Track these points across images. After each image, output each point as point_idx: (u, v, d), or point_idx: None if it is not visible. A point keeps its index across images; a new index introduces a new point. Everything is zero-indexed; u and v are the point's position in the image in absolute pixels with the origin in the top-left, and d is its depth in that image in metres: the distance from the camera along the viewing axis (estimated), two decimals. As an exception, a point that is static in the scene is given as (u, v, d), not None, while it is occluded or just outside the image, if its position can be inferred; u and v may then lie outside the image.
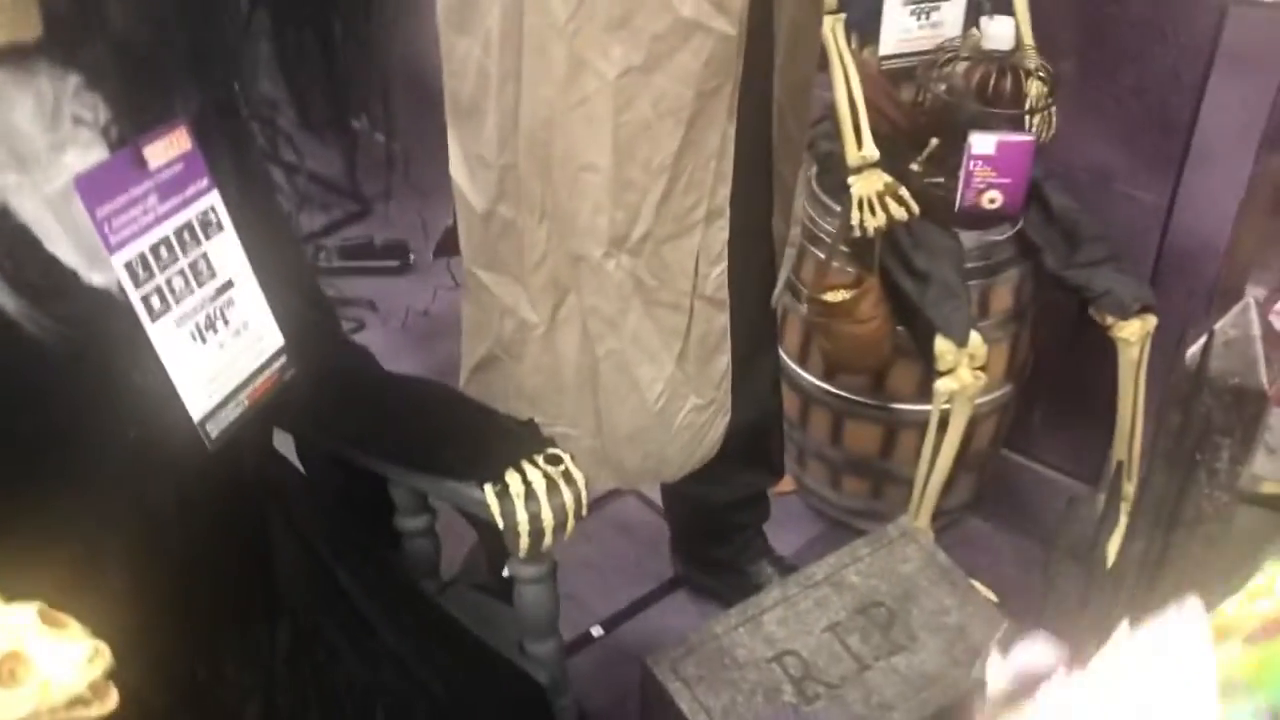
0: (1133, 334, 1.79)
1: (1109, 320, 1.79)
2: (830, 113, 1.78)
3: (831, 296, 1.78)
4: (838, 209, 1.81)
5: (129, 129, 0.93)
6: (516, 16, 1.13)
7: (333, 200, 3.25)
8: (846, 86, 1.71)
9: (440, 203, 2.60)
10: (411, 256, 3.00)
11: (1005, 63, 1.77)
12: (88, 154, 0.92)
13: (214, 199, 0.96)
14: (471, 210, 1.31)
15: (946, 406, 1.77)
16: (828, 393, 2.05)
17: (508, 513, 1.14)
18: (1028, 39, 1.81)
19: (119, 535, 0.95)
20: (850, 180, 1.72)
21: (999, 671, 0.71)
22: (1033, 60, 1.79)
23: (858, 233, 1.73)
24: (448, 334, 2.25)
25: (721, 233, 1.33)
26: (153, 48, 1.00)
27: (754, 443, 1.79)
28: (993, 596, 1.89)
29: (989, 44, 1.75)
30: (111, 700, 0.76)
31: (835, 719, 1.40)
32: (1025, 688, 0.68)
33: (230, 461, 1.00)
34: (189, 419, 0.94)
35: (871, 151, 1.69)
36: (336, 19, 2.63)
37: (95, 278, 0.92)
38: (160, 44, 1.01)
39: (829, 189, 1.90)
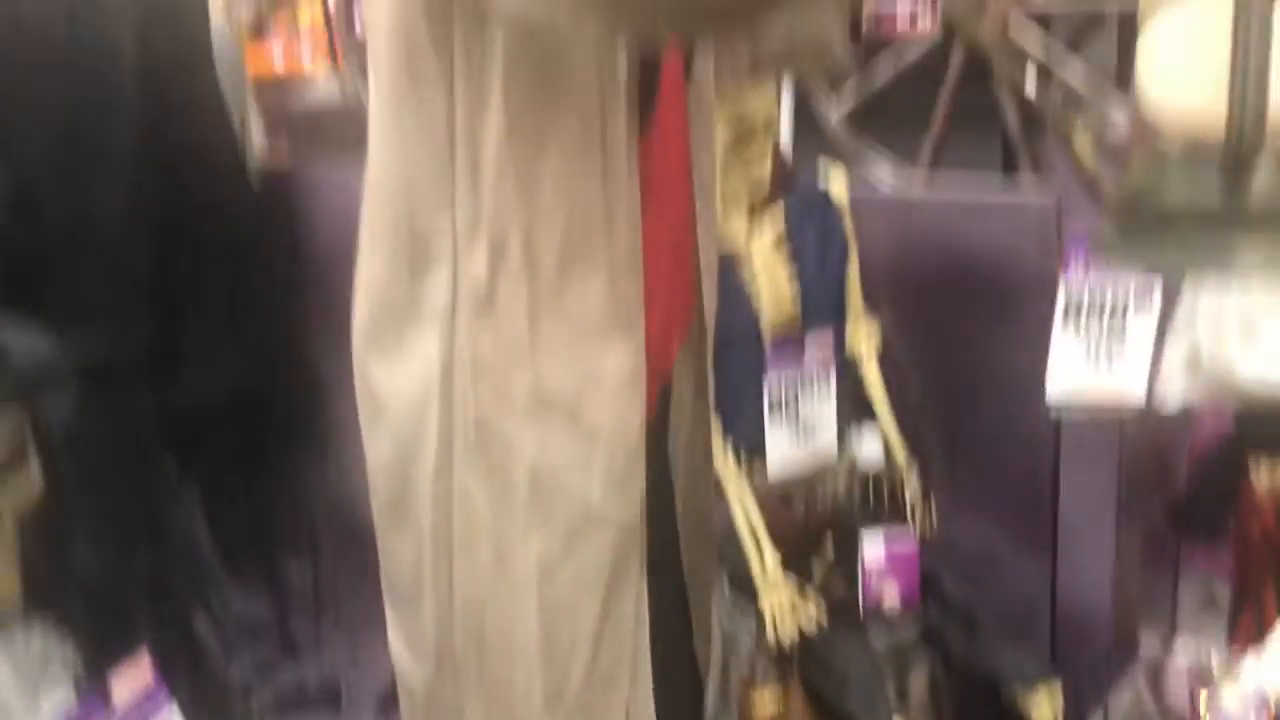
0: (1043, 707, 1.89)
1: (1018, 697, 1.90)
2: (731, 532, 1.94)
3: (761, 710, 1.86)
4: (751, 619, 1.93)
5: (95, 665, 1.02)
6: (447, 520, 1.30)
7: (261, 644, 3.24)
8: (744, 511, 1.90)
9: (371, 639, 2.64)
10: (345, 697, 2.98)
11: (881, 474, 1.98)
12: (55, 693, 1.00)
13: (173, 713, 1.03)
14: (412, 690, 1.41)
15: (888, 802, 1.82)
16: (773, 799, 2.07)
17: None
18: (897, 449, 2.03)
19: None
20: (760, 597, 1.86)
21: None
22: (905, 467, 2.01)
23: (773, 645, 1.85)
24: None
25: (647, 683, 1.44)
26: (116, 587, 1.10)
27: None
28: None
29: (864, 462, 1.97)
30: None
31: None
32: None
33: None
34: None
35: (775, 571, 1.85)
36: (263, 476, 2.77)
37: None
38: (122, 580, 1.12)
39: (740, 600, 2.02)
